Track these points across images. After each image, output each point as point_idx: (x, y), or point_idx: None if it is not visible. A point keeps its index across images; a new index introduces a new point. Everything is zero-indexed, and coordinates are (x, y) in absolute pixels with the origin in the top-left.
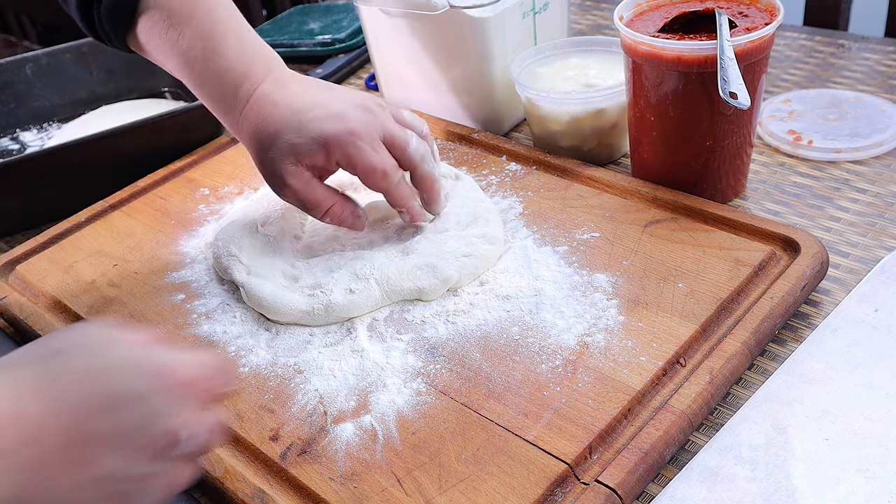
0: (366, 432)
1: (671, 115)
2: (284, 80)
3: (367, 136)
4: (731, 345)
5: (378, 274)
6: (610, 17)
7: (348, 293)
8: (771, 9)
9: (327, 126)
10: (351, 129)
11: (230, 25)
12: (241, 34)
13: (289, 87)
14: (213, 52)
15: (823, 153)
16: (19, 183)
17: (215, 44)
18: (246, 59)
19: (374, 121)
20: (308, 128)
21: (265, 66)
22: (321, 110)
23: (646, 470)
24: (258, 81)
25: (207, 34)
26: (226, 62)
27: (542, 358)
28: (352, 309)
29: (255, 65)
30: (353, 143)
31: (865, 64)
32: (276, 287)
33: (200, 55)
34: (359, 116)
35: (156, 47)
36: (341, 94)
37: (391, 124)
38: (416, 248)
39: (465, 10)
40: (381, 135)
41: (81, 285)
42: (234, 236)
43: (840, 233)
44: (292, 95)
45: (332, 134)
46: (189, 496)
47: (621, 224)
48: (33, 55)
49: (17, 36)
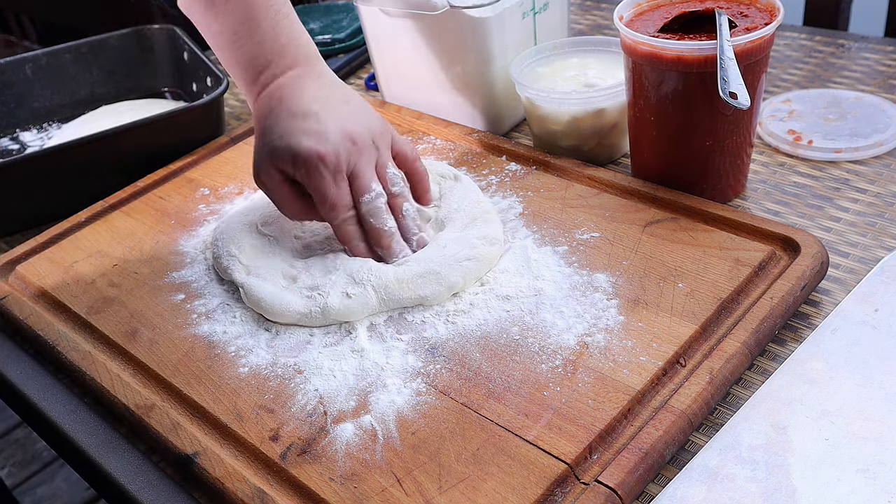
0: (366, 432)
1: (671, 115)
2: (304, 78)
3: (334, 166)
4: (731, 345)
5: (375, 280)
6: (610, 17)
7: (345, 297)
8: (771, 9)
9: (303, 142)
10: (321, 153)
11: (266, 13)
12: (277, 22)
13: (302, 89)
14: (242, 39)
15: (823, 153)
16: (19, 183)
17: (247, 30)
18: (275, 48)
19: (351, 153)
20: (289, 136)
21: (293, 58)
22: (310, 123)
23: (646, 470)
24: (279, 73)
25: (241, 20)
26: (251, 49)
27: (542, 358)
28: (348, 314)
29: (283, 55)
30: (317, 167)
31: (865, 64)
32: (276, 287)
33: (230, 38)
34: (337, 144)
35: (196, 21)
36: (347, 114)
37: (366, 166)
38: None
39: (465, 10)
40: (349, 170)
41: (81, 285)
42: (234, 236)
43: (840, 233)
44: (300, 98)
45: (301, 151)
46: (189, 496)
47: (621, 224)
48: (33, 55)
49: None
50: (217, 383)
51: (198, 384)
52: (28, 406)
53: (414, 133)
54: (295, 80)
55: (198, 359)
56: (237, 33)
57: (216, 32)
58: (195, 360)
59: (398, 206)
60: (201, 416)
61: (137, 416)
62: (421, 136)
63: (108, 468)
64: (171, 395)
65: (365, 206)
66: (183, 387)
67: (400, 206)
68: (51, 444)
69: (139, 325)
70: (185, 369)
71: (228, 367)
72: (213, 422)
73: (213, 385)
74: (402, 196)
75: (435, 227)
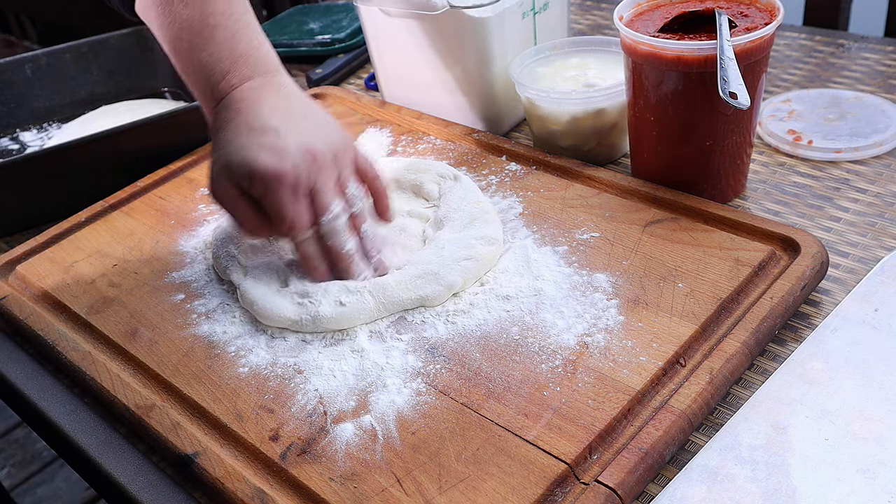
0: (366, 432)
1: (671, 115)
2: (263, 89)
3: (293, 184)
4: (731, 345)
5: (372, 286)
6: (610, 17)
7: (338, 306)
8: (771, 9)
9: (260, 158)
10: (280, 170)
11: (224, 21)
12: (236, 31)
13: (261, 101)
14: (198, 46)
15: (823, 153)
16: (19, 183)
17: (203, 36)
18: (233, 56)
19: (311, 170)
20: (246, 151)
21: (252, 67)
22: (269, 139)
23: (646, 470)
24: (237, 83)
25: (197, 26)
26: (208, 56)
27: (542, 358)
28: (341, 321)
29: (241, 65)
30: (275, 185)
31: (865, 64)
32: (270, 291)
33: (186, 45)
34: (297, 161)
35: (151, 25)
36: (308, 128)
37: (326, 184)
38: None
39: (465, 10)
40: (308, 187)
41: (81, 285)
42: (234, 236)
43: (840, 233)
44: (258, 110)
45: (258, 167)
46: (189, 496)
47: (621, 224)
48: (33, 55)
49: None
50: (217, 383)
51: (198, 384)
52: (28, 406)
53: (414, 133)
54: (253, 91)
55: (198, 359)
56: (193, 40)
57: (173, 37)
58: (195, 360)
59: (358, 225)
60: (201, 416)
61: (137, 416)
62: (421, 136)
63: (108, 468)
64: (171, 395)
65: (324, 226)
66: (183, 387)
67: (359, 226)
68: (51, 444)
69: (139, 325)
70: (185, 369)
71: (228, 367)
72: (213, 422)
73: (213, 385)
74: (362, 216)
75: (434, 227)
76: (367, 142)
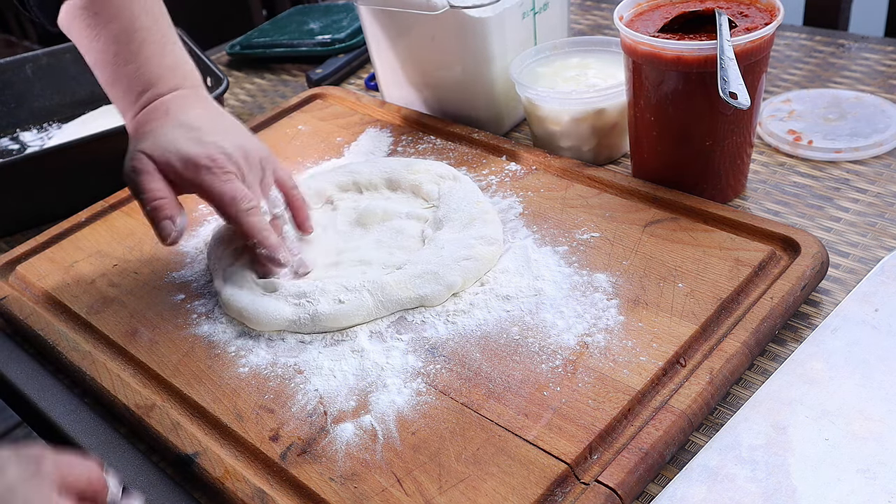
0: (366, 432)
1: (671, 115)
2: (190, 98)
3: (225, 169)
4: (731, 345)
5: (370, 285)
6: (610, 17)
7: (336, 303)
8: (771, 9)
9: (192, 147)
10: (213, 155)
11: (152, 37)
12: (163, 46)
13: (190, 107)
14: (125, 59)
15: (823, 153)
16: (19, 183)
17: (130, 50)
18: (160, 70)
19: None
20: (177, 142)
21: (179, 80)
22: (200, 135)
23: (646, 470)
24: (164, 92)
25: (124, 40)
26: (135, 69)
27: (542, 358)
28: (340, 319)
29: (167, 78)
30: (210, 167)
31: (865, 64)
32: (255, 295)
33: (112, 58)
34: (230, 153)
35: (75, 39)
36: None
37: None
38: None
39: (465, 10)
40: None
41: (81, 285)
42: (221, 238)
43: (840, 233)
44: (187, 113)
45: (191, 153)
46: (189, 496)
47: (621, 224)
48: (33, 55)
49: (17, 36)
50: (217, 383)
51: (198, 384)
52: (28, 406)
53: (414, 133)
54: (180, 98)
55: (198, 359)
56: (120, 53)
57: (98, 49)
58: (195, 360)
59: (278, 227)
60: (201, 416)
61: (137, 416)
62: (421, 136)
63: (108, 468)
64: (171, 395)
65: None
66: (183, 387)
67: (280, 228)
68: (51, 444)
69: (139, 325)
70: (186, 369)
71: (228, 367)
72: (213, 422)
73: (213, 385)
74: (283, 219)
75: (433, 227)
76: (367, 142)
